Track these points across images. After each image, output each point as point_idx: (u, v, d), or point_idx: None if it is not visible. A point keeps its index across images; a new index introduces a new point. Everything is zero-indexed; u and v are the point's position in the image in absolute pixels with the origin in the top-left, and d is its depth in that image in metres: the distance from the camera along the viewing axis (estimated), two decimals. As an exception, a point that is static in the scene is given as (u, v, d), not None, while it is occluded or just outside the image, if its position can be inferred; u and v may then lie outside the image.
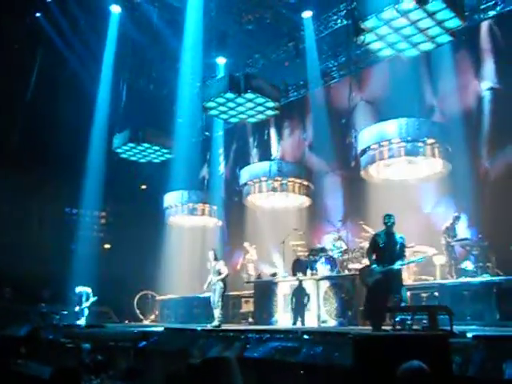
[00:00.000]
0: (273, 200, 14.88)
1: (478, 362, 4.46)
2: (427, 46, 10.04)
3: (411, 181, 12.29)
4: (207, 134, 18.37)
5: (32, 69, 15.98)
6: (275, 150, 16.82)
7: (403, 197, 12.28)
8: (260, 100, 12.40)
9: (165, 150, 16.21)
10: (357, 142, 12.46)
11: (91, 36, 15.21)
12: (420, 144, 10.79)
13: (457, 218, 10.54)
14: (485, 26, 12.34)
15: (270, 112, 13.14)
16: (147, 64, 16.53)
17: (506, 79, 11.76)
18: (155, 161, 16.84)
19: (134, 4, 14.73)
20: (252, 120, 13.81)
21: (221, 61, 15.97)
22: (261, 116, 13.43)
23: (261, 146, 17.29)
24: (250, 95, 12.05)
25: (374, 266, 7.25)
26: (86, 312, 13.92)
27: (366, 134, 11.58)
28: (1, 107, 15.17)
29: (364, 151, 11.53)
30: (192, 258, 15.74)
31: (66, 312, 14.23)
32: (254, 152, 17.55)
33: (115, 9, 14.94)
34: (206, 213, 16.12)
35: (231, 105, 12.66)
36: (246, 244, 14.15)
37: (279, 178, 13.64)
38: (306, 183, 14.00)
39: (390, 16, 8.83)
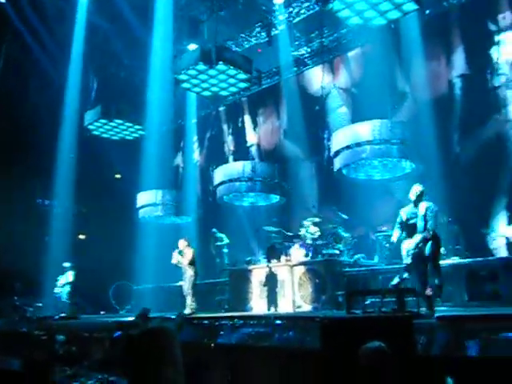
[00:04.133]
0: (246, 200, 14.97)
1: (442, 341, 4.57)
2: (394, 14, 10.34)
3: (385, 182, 12.48)
4: (180, 121, 18.21)
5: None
6: (250, 136, 16.79)
7: (376, 183, 12.47)
8: (232, 72, 12.42)
9: (138, 127, 16.14)
10: (330, 141, 12.57)
11: (58, 23, 14.91)
12: (392, 145, 10.94)
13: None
14: (454, 12, 12.46)
15: (242, 84, 13.19)
16: (118, 52, 16.27)
17: (475, 66, 11.94)
18: (128, 137, 16.76)
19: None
20: (224, 93, 13.81)
21: (192, 48, 15.79)
22: (233, 88, 13.48)
23: (235, 133, 17.26)
24: (221, 67, 12.07)
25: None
26: (66, 290, 13.66)
27: (340, 136, 11.69)
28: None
29: (338, 152, 11.63)
30: (166, 250, 15.67)
31: (40, 304, 14.05)
32: (230, 139, 17.50)
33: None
34: (180, 212, 16.13)
35: (203, 77, 12.66)
36: (214, 230, 14.12)
37: (253, 178, 13.77)
38: (280, 183, 14.14)
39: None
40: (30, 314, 13.41)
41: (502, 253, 10.57)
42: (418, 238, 6.84)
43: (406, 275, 6.90)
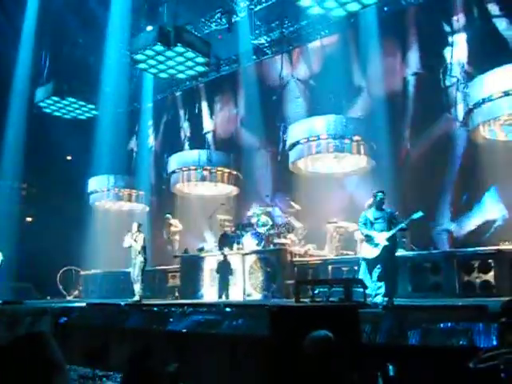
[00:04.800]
0: (201, 189, 14.90)
1: (386, 330, 4.73)
2: (354, 7, 10.67)
3: (337, 174, 12.69)
4: (136, 105, 17.83)
5: None
6: (207, 123, 16.66)
7: (330, 177, 12.69)
8: (190, 55, 12.31)
9: (91, 106, 15.72)
10: (285, 133, 12.64)
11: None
12: (346, 141, 11.16)
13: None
14: (411, 11, 12.75)
15: (199, 68, 13.09)
16: (73, 30, 15.72)
17: (429, 65, 12.28)
18: (80, 117, 16.29)
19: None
20: (181, 76, 13.69)
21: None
22: (190, 72, 13.39)
23: (192, 119, 17.07)
24: (179, 49, 11.95)
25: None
26: None
27: (296, 129, 11.81)
28: None
29: (293, 145, 11.75)
30: (118, 236, 15.41)
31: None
32: (186, 125, 17.30)
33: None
34: (133, 198, 15.90)
35: (161, 58, 12.50)
36: (167, 216, 13.99)
37: (208, 167, 13.72)
38: (234, 172, 14.16)
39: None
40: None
41: (446, 246, 11.04)
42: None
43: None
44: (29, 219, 18.76)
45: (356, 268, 9.35)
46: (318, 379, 3.14)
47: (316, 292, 6.84)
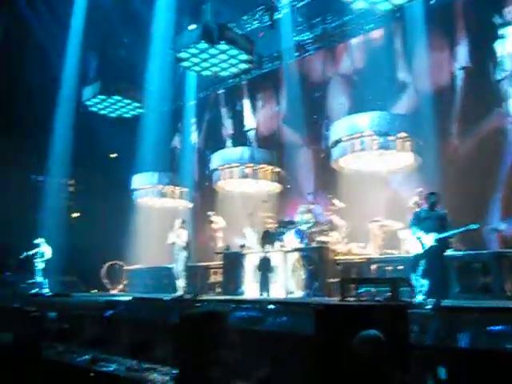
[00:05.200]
0: (243, 186, 14.93)
1: (434, 332, 4.60)
2: (399, 0, 10.49)
3: (381, 172, 12.43)
4: (179, 103, 18.06)
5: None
6: (249, 121, 16.69)
7: (373, 174, 12.46)
8: (233, 52, 12.34)
9: (136, 104, 16.06)
10: (328, 130, 12.49)
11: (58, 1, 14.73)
12: (391, 138, 10.88)
13: (421, 194, 10.74)
14: (459, 3, 12.36)
15: (242, 65, 13.10)
16: (118, 30, 16.08)
17: (478, 58, 11.88)
18: (126, 115, 16.64)
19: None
20: (224, 73, 13.72)
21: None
22: (234, 69, 13.41)
23: (234, 116, 17.14)
24: (223, 46, 11.99)
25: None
26: (41, 266, 13.62)
27: (339, 126, 11.63)
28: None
29: (336, 142, 11.58)
30: (161, 233, 15.67)
31: (32, 281, 14.02)
32: (228, 123, 17.39)
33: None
34: (176, 195, 16.06)
35: (204, 56, 12.57)
36: (209, 213, 14.09)
37: (251, 165, 13.70)
38: (277, 170, 14.09)
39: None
40: (22, 290, 13.39)
41: (495, 246, 10.65)
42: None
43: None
44: (75, 215, 19.32)
45: (400, 267, 9.20)
46: (368, 379, 3.08)
47: (361, 291, 6.72)
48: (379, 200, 11.91)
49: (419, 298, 6.34)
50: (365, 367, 3.10)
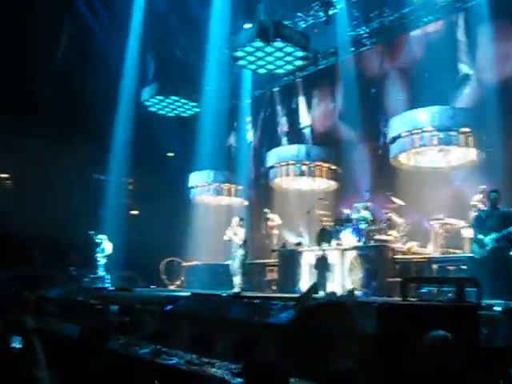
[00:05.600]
0: (299, 183, 14.86)
1: (505, 335, 4.40)
2: None
3: (442, 169, 12.04)
4: (235, 101, 18.22)
5: (59, 36, 16.14)
6: (304, 118, 16.60)
7: (434, 171, 12.07)
8: (289, 49, 12.29)
9: (193, 104, 16.40)
10: (386, 126, 12.21)
11: (117, 3, 15.20)
12: (453, 133, 10.52)
13: (484, 191, 10.30)
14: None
15: (298, 62, 13.04)
16: (175, 31, 16.41)
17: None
18: (183, 115, 17.02)
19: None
20: (280, 71, 13.71)
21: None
22: (289, 66, 13.36)
23: (289, 114, 17.08)
24: (279, 44, 11.97)
25: None
26: (102, 261, 14.15)
27: (398, 122, 11.36)
28: (32, 73, 15.36)
29: (394, 139, 11.31)
30: (217, 230, 15.87)
31: (94, 275, 14.58)
32: (283, 120, 17.36)
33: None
34: (232, 193, 16.24)
35: (260, 54, 12.60)
36: (266, 210, 14.11)
37: (307, 162, 13.64)
38: (333, 167, 13.96)
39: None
40: (85, 284, 13.94)
41: None
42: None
43: None
44: (134, 212, 19.91)
45: (463, 267, 8.85)
46: (437, 380, 2.98)
47: (422, 291, 6.52)
48: (440, 197, 11.52)
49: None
50: (433, 368, 3.00)
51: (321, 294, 10.14)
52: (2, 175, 18.35)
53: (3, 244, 14.29)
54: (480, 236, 6.58)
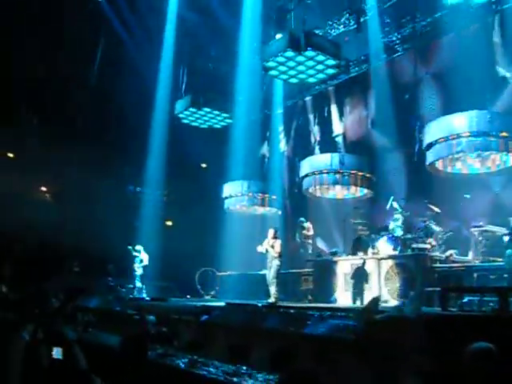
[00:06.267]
0: (333, 192, 14.81)
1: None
2: None
3: (481, 175, 11.75)
4: (267, 111, 18.28)
5: (95, 51, 16.59)
6: (337, 126, 16.51)
7: (472, 177, 11.79)
8: (320, 58, 12.26)
9: (225, 115, 16.60)
10: (421, 133, 12.01)
11: (150, 17, 15.54)
12: (491, 138, 10.25)
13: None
14: None
15: (330, 70, 12.98)
16: (205, 43, 16.65)
17: None
18: (216, 126, 17.22)
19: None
20: (312, 80, 13.71)
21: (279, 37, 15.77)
22: (321, 75, 13.30)
23: (321, 123, 17.03)
24: (310, 53, 11.94)
25: None
26: (139, 272, 14.34)
27: (433, 127, 11.15)
28: (68, 88, 15.83)
29: (430, 145, 11.10)
30: (251, 240, 15.87)
31: (131, 286, 14.80)
32: (316, 129, 17.32)
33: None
34: (266, 202, 16.31)
35: (291, 64, 12.61)
36: (301, 219, 14.05)
37: (340, 170, 13.56)
38: (367, 175, 13.82)
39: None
40: (122, 295, 14.16)
41: None
42: None
43: None
44: (169, 223, 20.13)
45: (505, 276, 8.57)
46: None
47: (464, 301, 6.35)
48: (479, 204, 11.24)
49: None
50: (479, 380, 2.92)
51: (357, 304, 10.03)
52: (43, 188, 18.90)
53: (44, 255, 14.70)
54: None
